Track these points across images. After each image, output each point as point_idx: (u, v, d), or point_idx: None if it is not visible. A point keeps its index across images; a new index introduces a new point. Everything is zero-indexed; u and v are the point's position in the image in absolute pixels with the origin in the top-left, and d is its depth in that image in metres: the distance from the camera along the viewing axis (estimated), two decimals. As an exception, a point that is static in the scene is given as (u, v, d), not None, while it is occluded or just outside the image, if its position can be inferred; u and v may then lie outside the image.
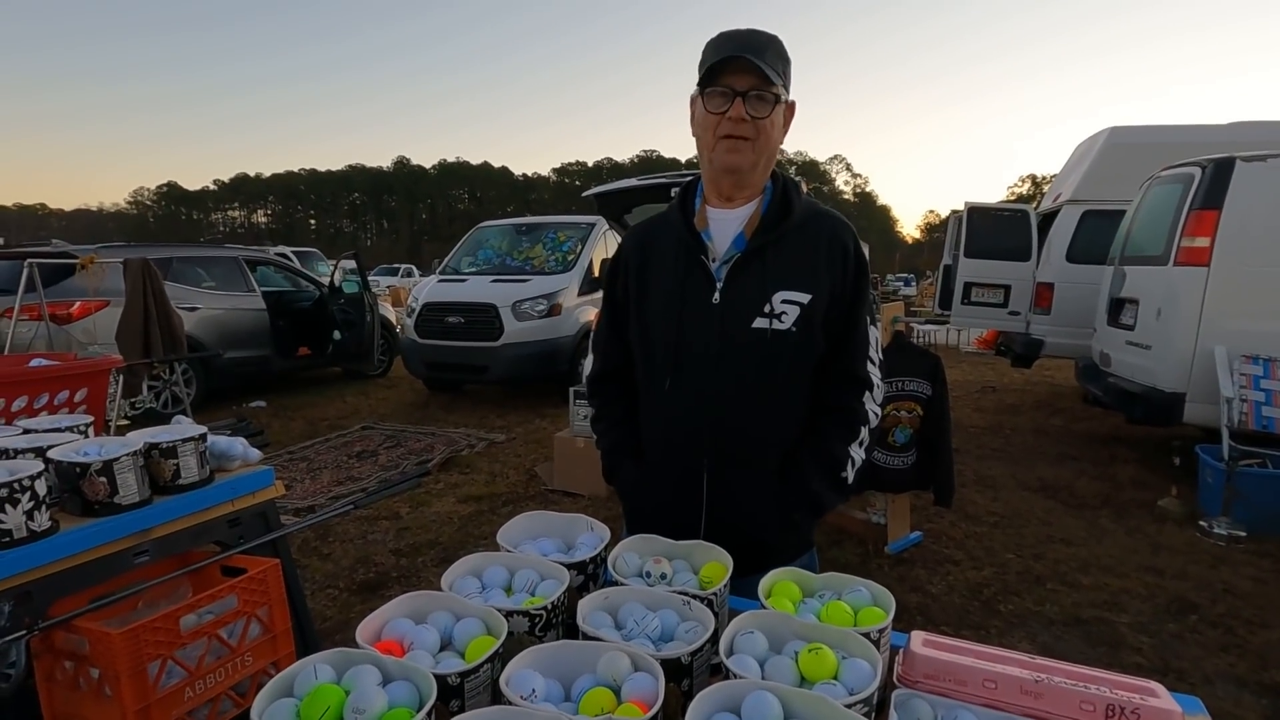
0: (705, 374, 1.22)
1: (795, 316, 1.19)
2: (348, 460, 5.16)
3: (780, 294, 1.19)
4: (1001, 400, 7.51)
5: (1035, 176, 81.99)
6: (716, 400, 1.22)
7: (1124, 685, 0.80)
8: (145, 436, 1.56)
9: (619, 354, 1.38)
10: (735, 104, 1.14)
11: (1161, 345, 4.29)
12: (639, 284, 1.32)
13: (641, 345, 1.31)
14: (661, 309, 1.26)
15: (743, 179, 1.23)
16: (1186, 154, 4.60)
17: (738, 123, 1.15)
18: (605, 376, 1.43)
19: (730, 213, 1.26)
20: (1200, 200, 4.15)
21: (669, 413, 1.27)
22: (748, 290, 1.20)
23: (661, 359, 1.26)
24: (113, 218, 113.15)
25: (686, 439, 1.25)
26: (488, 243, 8.17)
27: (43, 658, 1.34)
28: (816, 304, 1.20)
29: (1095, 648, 2.65)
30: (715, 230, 1.25)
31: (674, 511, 1.27)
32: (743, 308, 1.20)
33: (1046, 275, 6.39)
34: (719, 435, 1.23)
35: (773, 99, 1.15)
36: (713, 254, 1.24)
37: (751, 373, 1.21)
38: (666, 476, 1.29)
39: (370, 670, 0.75)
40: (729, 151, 1.18)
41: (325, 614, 2.89)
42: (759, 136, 1.17)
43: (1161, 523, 3.86)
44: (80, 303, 5.75)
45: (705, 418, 1.23)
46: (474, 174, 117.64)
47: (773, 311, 1.19)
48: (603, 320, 1.44)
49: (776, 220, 1.23)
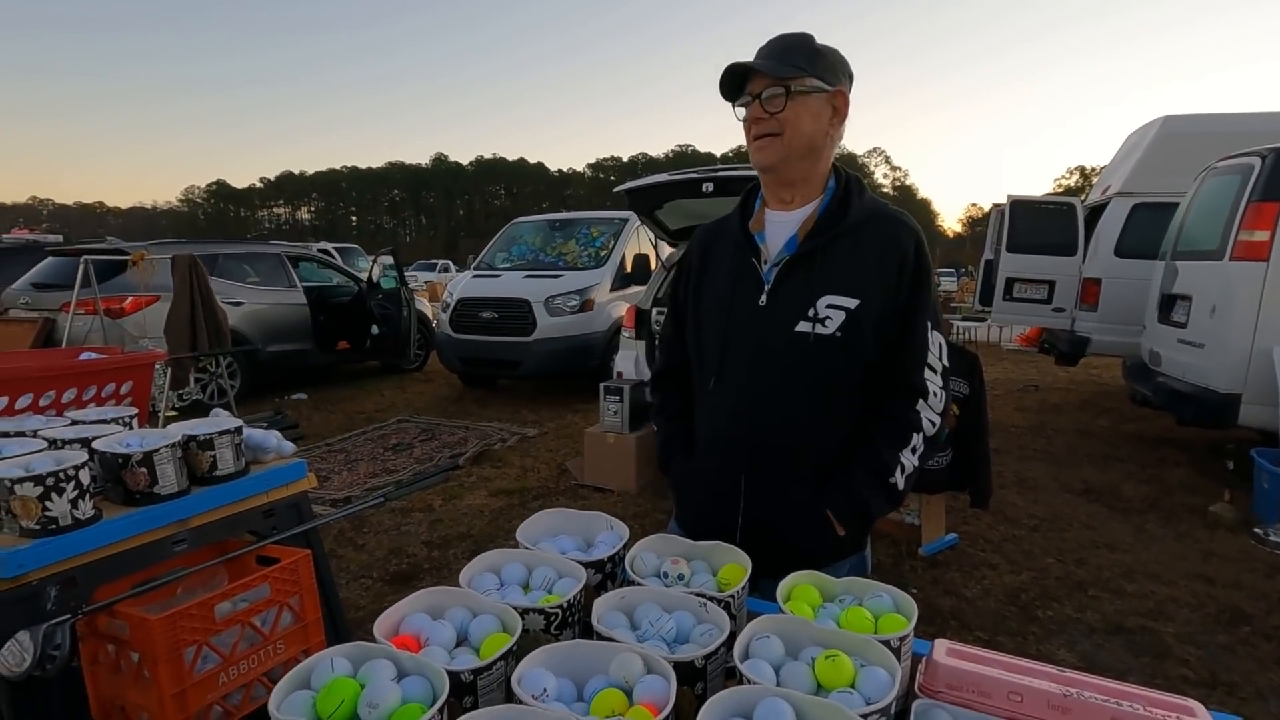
0: (746, 375, 1.24)
1: (840, 321, 1.18)
2: (384, 453, 5.26)
3: (826, 298, 1.19)
4: (1044, 400, 7.29)
5: (1084, 168, 79.24)
6: (756, 401, 1.24)
7: (1160, 703, 0.76)
8: (184, 429, 1.61)
9: (680, 353, 1.42)
10: (753, 106, 1.20)
11: (1216, 344, 4.10)
12: (698, 285, 1.36)
13: (695, 345, 1.36)
14: (713, 310, 1.30)
15: (781, 175, 1.24)
16: (1245, 143, 4.38)
17: (756, 122, 1.20)
18: (667, 374, 1.48)
19: (787, 215, 1.27)
20: (1260, 192, 3.95)
21: (713, 411, 1.31)
22: (793, 294, 1.21)
23: (709, 359, 1.30)
24: (166, 215, 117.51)
25: (727, 438, 1.28)
26: (522, 238, 8.23)
27: (87, 641, 1.39)
28: (866, 309, 1.19)
29: (1138, 657, 2.56)
30: (771, 232, 1.27)
31: (714, 508, 1.30)
32: (787, 311, 1.21)
33: (1093, 270, 6.17)
34: (757, 436, 1.24)
35: (784, 92, 1.16)
36: (765, 256, 1.26)
37: (791, 376, 1.21)
38: (709, 473, 1.32)
39: (385, 665, 0.76)
40: (757, 150, 1.22)
41: (359, 604, 2.96)
42: (784, 130, 1.18)
43: (1213, 529, 3.70)
44: (132, 298, 5.98)
45: (744, 418, 1.25)
46: (510, 170, 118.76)
47: (816, 316, 1.19)
48: (668, 318, 1.49)
49: (831, 222, 1.22)
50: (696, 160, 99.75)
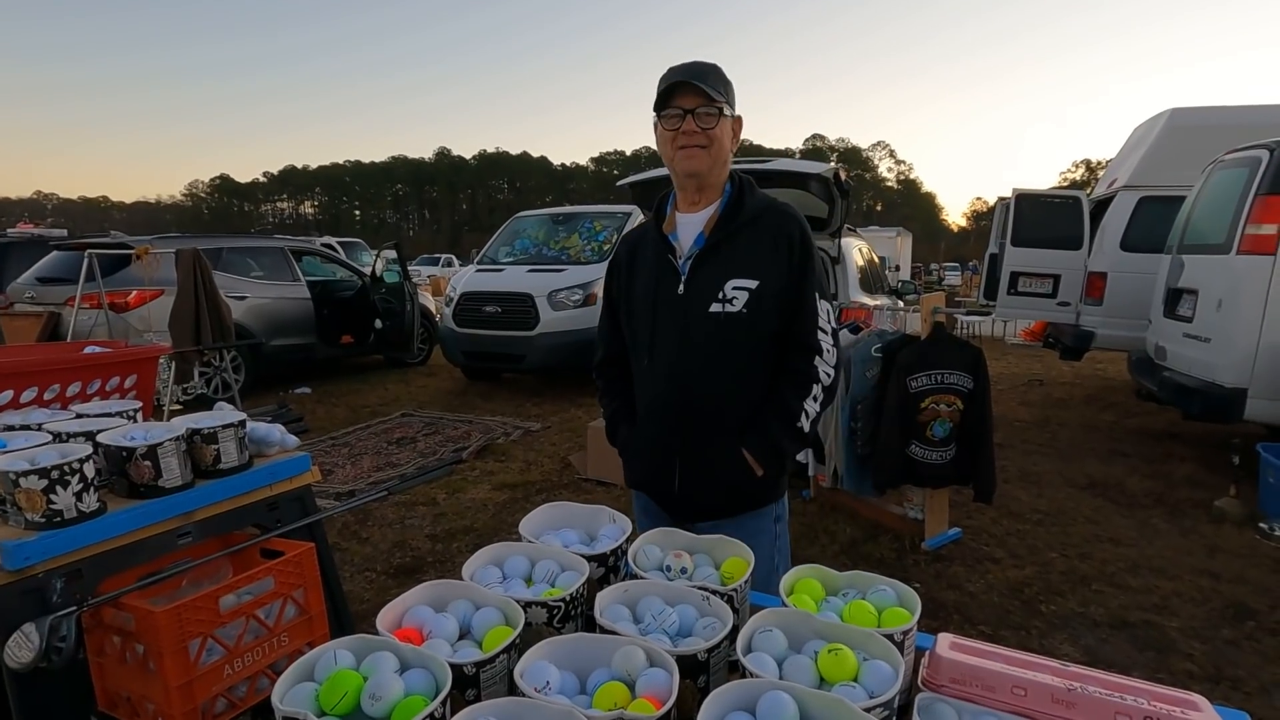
0: (673, 353, 1.47)
1: (745, 300, 1.41)
2: (388, 446, 5.27)
3: (731, 282, 1.42)
4: (1049, 394, 7.26)
5: (1090, 161, 78.71)
6: (683, 374, 1.46)
7: (1163, 697, 0.76)
8: (187, 422, 1.61)
9: (617, 342, 1.64)
10: (686, 120, 1.38)
11: (1222, 338, 4.08)
12: (627, 282, 1.58)
13: (630, 332, 1.58)
14: (642, 301, 1.52)
15: (703, 180, 1.45)
16: (1252, 136, 4.34)
17: (691, 134, 1.39)
18: (607, 361, 1.70)
19: (693, 216, 1.49)
20: (1268, 185, 3.92)
21: (650, 385, 1.53)
22: (705, 281, 1.44)
23: (642, 342, 1.52)
24: (170, 209, 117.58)
25: (663, 405, 1.50)
26: (525, 233, 8.22)
27: (93, 633, 1.40)
28: (765, 287, 1.42)
29: (1142, 652, 2.55)
30: (681, 232, 1.50)
31: (656, 463, 1.53)
32: (701, 296, 1.44)
33: (1099, 264, 6.13)
34: (687, 401, 1.47)
35: (717, 112, 1.38)
36: (679, 252, 1.48)
37: (710, 349, 1.44)
38: (650, 437, 1.54)
39: (388, 657, 0.76)
40: (687, 158, 1.41)
41: (363, 596, 2.97)
42: (711, 144, 1.40)
43: (1218, 524, 3.69)
44: (136, 292, 5.99)
45: (675, 387, 1.47)
46: (514, 164, 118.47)
47: (725, 297, 1.42)
48: (604, 315, 1.70)
49: (730, 219, 1.45)
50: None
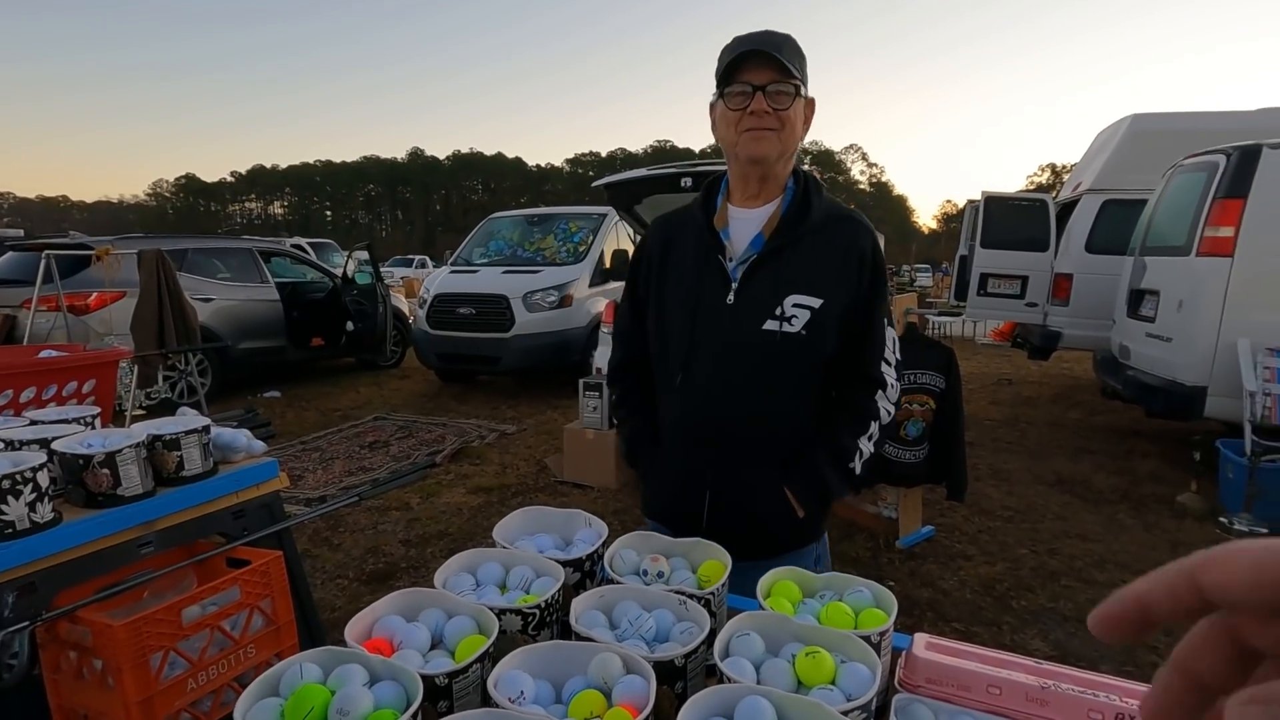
0: (715, 371, 1.25)
1: (805, 320, 1.21)
2: (360, 450, 5.19)
3: (792, 297, 1.21)
4: (1018, 393, 7.41)
5: (1055, 165, 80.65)
6: (723, 396, 1.25)
7: (1134, 693, 0.77)
8: (149, 428, 1.56)
9: (640, 344, 1.40)
10: (756, 98, 1.16)
11: (1183, 338, 4.20)
12: (659, 278, 1.34)
13: (658, 339, 1.34)
14: (678, 306, 1.29)
15: (768, 170, 1.24)
16: (1211, 141, 4.47)
17: (760, 115, 1.17)
18: (626, 365, 1.46)
19: (751, 212, 1.27)
20: (1225, 189, 4.04)
21: (680, 406, 1.30)
22: (761, 292, 1.23)
23: (675, 355, 1.29)
24: (133, 209, 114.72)
25: (695, 432, 1.28)
26: (499, 234, 8.16)
27: (48, 648, 1.35)
28: (829, 308, 1.22)
29: (1110, 646, 2.61)
30: (735, 230, 1.27)
31: (681, 499, 1.32)
32: (755, 309, 1.22)
33: (1065, 266, 6.27)
34: (724, 429, 1.26)
35: (792, 90, 1.17)
36: (730, 253, 1.26)
37: (759, 372, 1.24)
38: (676, 465, 1.32)
39: (357, 670, 0.74)
40: (753, 141, 1.19)
41: (334, 604, 2.91)
42: (782, 127, 1.19)
43: (1181, 519, 3.79)
44: (97, 294, 5.82)
45: (711, 412, 1.26)
46: (488, 165, 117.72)
47: (783, 314, 1.21)
48: (624, 310, 1.46)
49: (795, 222, 1.24)
50: (675, 155, 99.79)
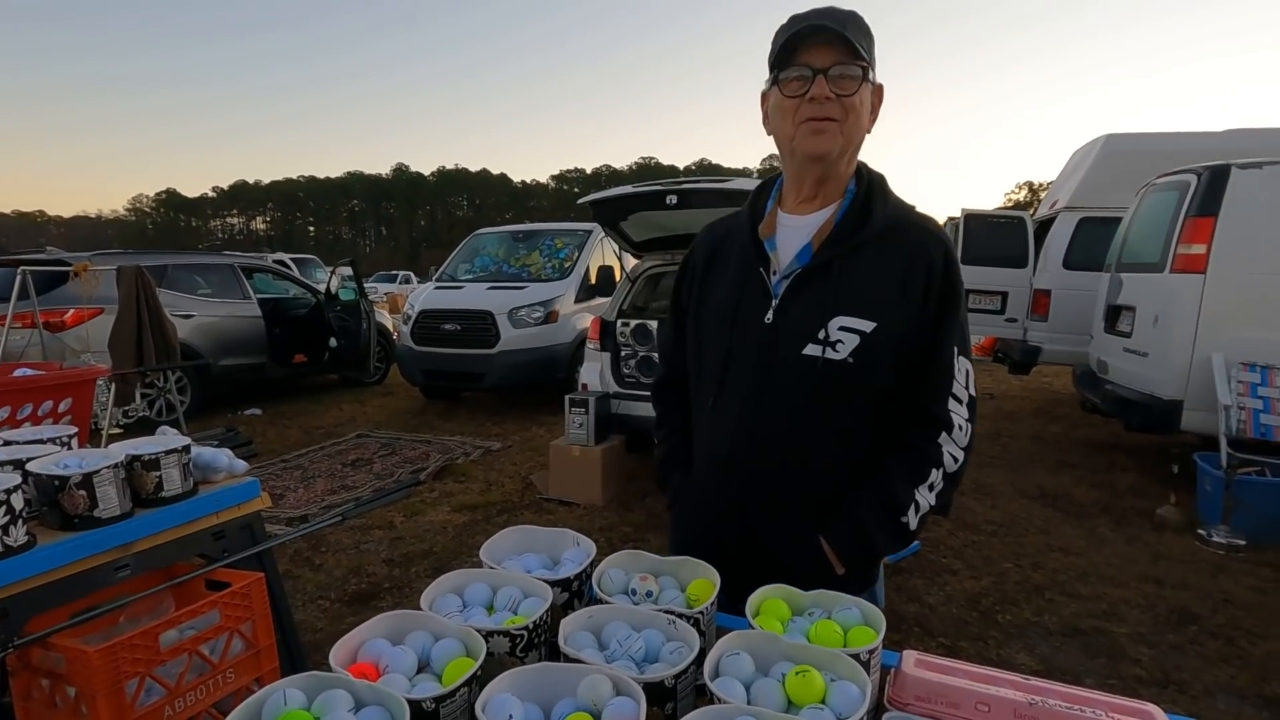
0: (748, 397, 1.12)
1: (853, 347, 1.06)
2: (342, 469, 5.12)
3: (838, 319, 1.06)
4: (999, 407, 7.48)
5: (1033, 183, 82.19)
6: (757, 424, 1.12)
7: (1120, 708, 0.78)
8: (127, 448, 1.53)
9: (682, 361, 1.29)
10: (817, 83, 1.01)
11: (1159, 352, 4.28)
12: (700, 291, 1.23)
13: (694, 358, 1.24)
14: (716, 321, 1.17)
15: (829, 169, 1.09)
16: (1182, 161, 4.59)
17: (822, 103, 1.01)
18: (668, 384, 1.36)
19: (804, 219, 1.13)
20: (1196, 207, 4.14)
21: (712, 430, 1.19)
22: (804, 311, 1.08)
23: (710, 375, 1.18)
24: (112, 225, 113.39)
25: (726, 460, 1.16)
26: (485, 250, 8.15)
27: (19, 675, 1.31)
28: (883, 332, 1.06)
29: (1094, 659, 2.62)
30: (782, 238, 1.14)
31: (710, 531, 1.21)
32: (795, 331, 1.09)
33: (1043, 282, 6.39)
34: (758, 460, 1.13)
35: (859, 73, 1.02)
36: (774, 266, 1.12)
37: (796, 402, 1.10)
38: (707, 494, 1.21)
39: (342, 695, 0.73)
40: (813, 133, 1.04)
41: (316, 625, 2.86)
42: (846, 118, 1.03)
43: (1160, 531, 3.84)
44: (74, 310, 5.73)
45: (745, 440, 1.13)
46: (473, 181, 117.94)
47: (827, 339, 1.06)
48: (669, 325, 1.36)
49: (851, 231, 1.09)
50: (659, 172, 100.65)
